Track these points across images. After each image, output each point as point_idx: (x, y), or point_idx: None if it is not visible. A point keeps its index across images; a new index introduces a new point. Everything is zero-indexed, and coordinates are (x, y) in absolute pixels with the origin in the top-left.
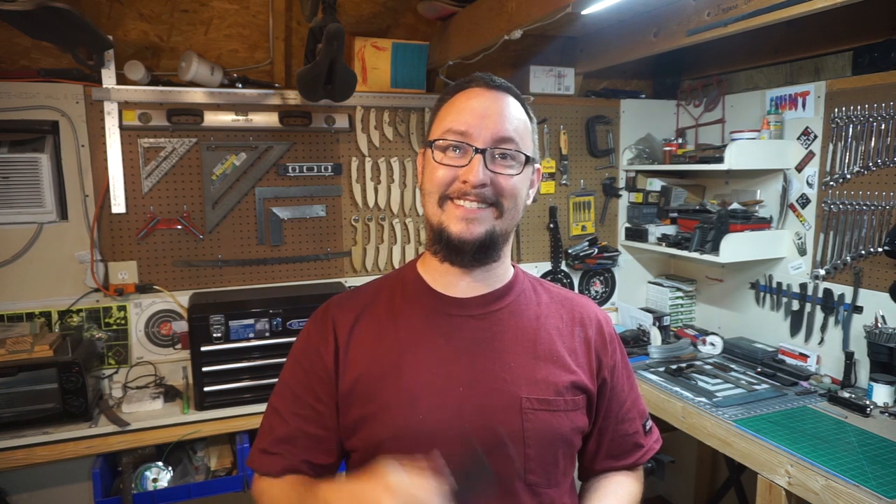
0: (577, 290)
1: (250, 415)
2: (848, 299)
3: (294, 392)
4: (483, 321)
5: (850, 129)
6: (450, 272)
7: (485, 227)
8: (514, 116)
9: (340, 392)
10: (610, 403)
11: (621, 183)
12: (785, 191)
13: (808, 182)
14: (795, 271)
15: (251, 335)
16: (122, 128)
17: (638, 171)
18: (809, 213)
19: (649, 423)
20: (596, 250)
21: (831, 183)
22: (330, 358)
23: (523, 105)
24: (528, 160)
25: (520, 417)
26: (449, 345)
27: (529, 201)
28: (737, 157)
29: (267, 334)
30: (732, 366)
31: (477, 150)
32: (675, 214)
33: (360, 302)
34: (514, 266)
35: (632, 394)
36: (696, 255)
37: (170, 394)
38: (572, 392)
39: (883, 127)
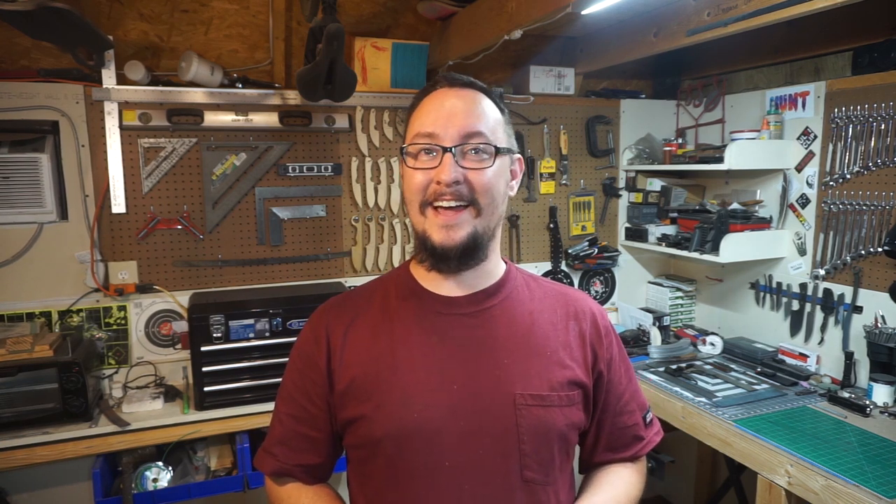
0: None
1: (250, 415)
2: (848, 299)
3: (290, 394)
4: (476, 319)
5: (850, 129)
6: (440, 275)
7: (466, 231)
8: (480, 111)
9: (336, 392)
10: (607, 396)
11: (621, 183)
12: (785, 191)
13: (807, 182)
14: (795, 271)
15: (251, 335)
16: (122, 128)
17: (638, 171)
18: (809, 213)
19: (650, 414)
20: (596, 250)
21: (831, 183)
22: (322, 361)
23: (491, 98)
24: (500, 151)
25: (514, 413)
26: (443, 343)
27: (513, 192)
28: (737, 157)
29: (267, 334)
30: (732, 366)
31: (445, 149)
32: (675, 214)
33: (355, 303)
34: (506, 262)
35: (630, 386)
36: (696, 255)
37: (170, 394)
38: (567, 387)
39: (883, 127)
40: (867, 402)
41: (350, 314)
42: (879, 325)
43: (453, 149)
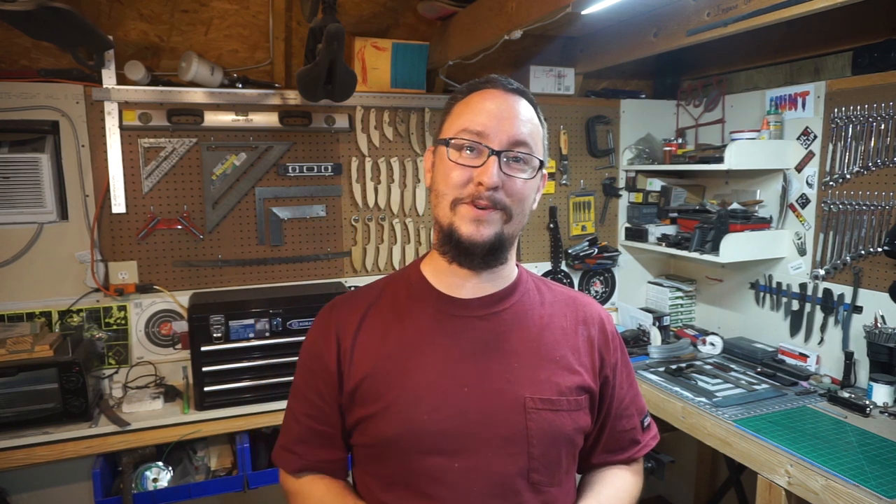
0: (576, 290)
1: (250, 415)
2: (848, 299)
3: (303, 393)
4: (488, 322)
5: (850, 129)
6: (457, 273)
7: (494, 230)
8: (528, 120)
9: (346, 391)
10: (611, 400)
11: (621, 183)
12: (785, 191)
13: (807, 182)
14: (795, 271)
15: (251, 335)
16: (122, 128)
17: (638, 171)
18: (809, 213)
19: (647, 419)
20: (596, 250)
21: (831, 183)
22: (332, 360)
23: (536, 110)
24: (540, 165)
25: (523, 417)
26: (454, 345)
27: (535, 205)
28: (737, 157)
29: (267, 334)
30: (732, 366)
31: (492, 152)
32: (675, 214)
33: (364, 302)
34: (518, 266)
35: (631, 391)
36: (696, 255)
37: (170, 394)
38: (575, 392)
39: (883, 127)
40: (867, 402)
41: (360, 313)
42: (879, 325)
43: (501, 153)
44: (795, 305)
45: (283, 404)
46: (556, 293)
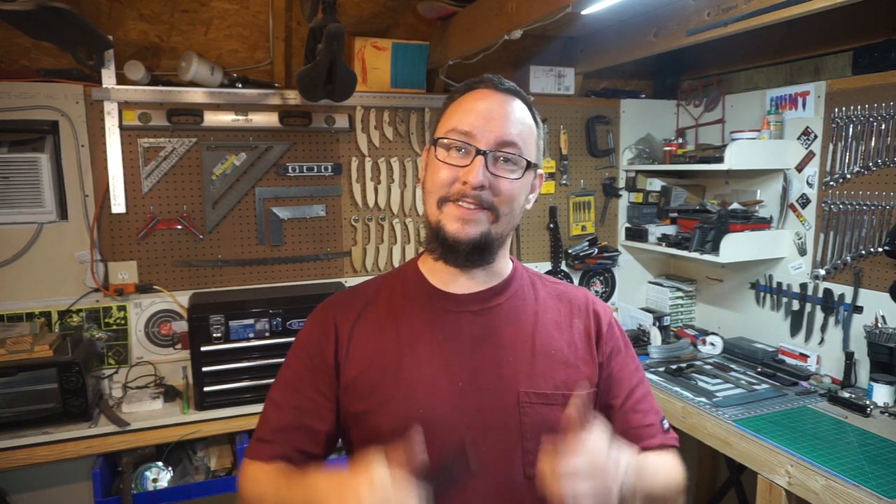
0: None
1: (250, 415)
2: (848, 299)
3: (294, 385)
4: (482, 317)
5: (850, 129)
6: (447, 271)
7: (480, 229)
8: (519, 120)
9: (341, 386)
10: (618, 391)
11: (621, 183)
12: (785, 191)
13: (808, 182)
14: (795, 271)
15: (251, 335)
16: (122, 128)
17: (638, 171)
18: (809, 213)
19: (666, 423)
20: (596, 250)
21: (831, 183)
22: (331, 353)
23: (531, 109)
24: (530, 166)
25: (517, 412)
26: (448, 341)
27: (529, 206)
28: (737, 157)
29: (267, 334)
30: (732, 366)
31: (479, 152)
32: (675, 214)
33: (361, 299)
34: (513, 260)
35: (641, 387)
36: (696, 255)
37: (170, 394)
38: (571, 386)
39: (883, 127)
40: (867, 402)
41: (357, 309)
42: (879, 325)
43: (487, 153)
44: (796, 305)
45: None
46: (549, 288)
